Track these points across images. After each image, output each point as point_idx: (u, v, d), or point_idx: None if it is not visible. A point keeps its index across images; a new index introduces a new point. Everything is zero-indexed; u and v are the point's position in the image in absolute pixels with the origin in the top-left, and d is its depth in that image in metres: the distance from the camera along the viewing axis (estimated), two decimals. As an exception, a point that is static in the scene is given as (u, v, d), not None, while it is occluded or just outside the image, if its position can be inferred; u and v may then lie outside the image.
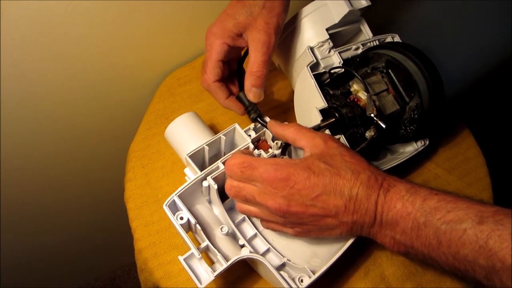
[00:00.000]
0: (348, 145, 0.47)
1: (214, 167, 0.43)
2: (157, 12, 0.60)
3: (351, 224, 0.37)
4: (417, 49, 0.49)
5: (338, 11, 0.51)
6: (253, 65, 0.45)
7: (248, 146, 0.45)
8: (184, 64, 0.70)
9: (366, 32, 0.55)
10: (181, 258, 0.38)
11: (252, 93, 0.46)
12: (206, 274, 0.38)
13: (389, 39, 0.55)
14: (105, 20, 0.55)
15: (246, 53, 0.48)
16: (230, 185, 0.40)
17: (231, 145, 0.49)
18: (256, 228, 0.44)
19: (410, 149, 0.54)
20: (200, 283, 0.37)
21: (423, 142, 0.54)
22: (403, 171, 0.57)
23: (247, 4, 0.44)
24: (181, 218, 0.41)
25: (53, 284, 1.03)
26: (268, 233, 0.45)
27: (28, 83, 0.56)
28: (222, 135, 0.46)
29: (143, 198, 0.54)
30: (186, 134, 0.50)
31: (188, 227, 0.42)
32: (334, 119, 0.47)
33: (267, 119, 0.47)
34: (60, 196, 0.79)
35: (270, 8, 0.44)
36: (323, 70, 0.52)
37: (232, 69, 0.51)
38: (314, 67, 0.51)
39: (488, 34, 0.63)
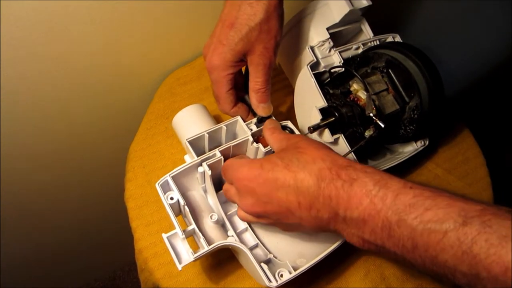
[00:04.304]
0: (347, 144, 0.47)
1: (211, 154, 0.44)
2: (157, 12, 0.60)
3: (314, 220, 0.34)
4: (417, 49, 0.49)
5: (338, 11, 0.51)
6: (256, 84, 0.45)
7: (248, 139, 0.45)
8: (184, 64, 0.70)
9: (367, 32, 0.55)
10: (164, 235, 0.39)
11: (260, 108, 0.46)
12: (186, 255, 0.38)
13: (389, 39, 0.55)
14: (105, 20, 0.55)
15: None
16: (223, 188, 0.42)
17: (232, 138, 0.49)
18: (248, 223, 0.44)
19: (410, 149, 0.54)
20: (180, 262, 0.38)
21: (422, 142, 0.54)
22: (403, 171, 0.57)
23: (242, 30, 0.42)
24: (171, 198, 0.41)
25: (53, 284, 1.03)
26: (259, 230, 0.45)
27: (28, 83, 0.56)
28: (224, 125, 0.47)
29: (143, 198, 0.54)
30: (191, 123, 0.51)
31: (178, 209, 0.43)
32: (333, 118, 0.47)
33: (273, 118, 0.48)
34: (60, 196, 0.79)
35: (268, 31, 0.42)
36: (323, 69, 0.52)
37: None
38: (314, 66, 0.51)
39: (488, 34, 0.63)
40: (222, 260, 0.48)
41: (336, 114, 0.47)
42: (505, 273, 0.24)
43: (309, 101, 0.49)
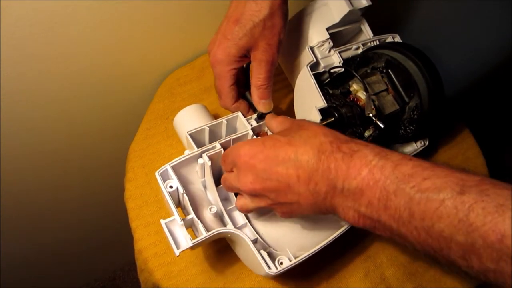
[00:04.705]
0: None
1: (211, 146, 0.44)
2: (157, 12, 0.60)
3: (311, 196, 0.34)
4: (417, 49, 0.49)
5: (338, 11, 0.51)
6: (258, 80, 0.46)
7: (248, 133, 0.46)
8: (184, 64, 0.70)
9: (367, 32, 0.55)
10: (163, 221, 0.39)
11: (261, 105, 0.47)
12: (184, 241, 0.38)
13: (389, 39, 0.55)
14: (105, 20, 0.55)
15: None
16: (222, 178, 0.42)
17: (233, 133, 0.49)
18: (248, 220, 0.44)
19: (410, 149, 0.54)
20: (177, 247, 0.38)
21: (422, 143, 0.54)
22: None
23: (246, 25, 0.43)
24: (171, 187, 0.41)
25: (53, 284, 1.03)
26: (259, 226, 0.45)
27: (28, 83, 0.56)
28: (224, 120, 0.47)
29: (143, 198, 0.54)
30: (192, 122, 0.51)
31: (177, 199, 0.43)
32: (333, 118, 0.47)
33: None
34: (60, 196, 0.79)
35: (271, 28, 0.44)
36: (323, 70, 0.52)
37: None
38: (314, 66, 0.51)
39: (488, 34, 0.63)
40: (222, 261, 0.49)
41: (336, 114, 0.47)
42: (500, 241, 0.24)
43: (308, 101, 0.49)
